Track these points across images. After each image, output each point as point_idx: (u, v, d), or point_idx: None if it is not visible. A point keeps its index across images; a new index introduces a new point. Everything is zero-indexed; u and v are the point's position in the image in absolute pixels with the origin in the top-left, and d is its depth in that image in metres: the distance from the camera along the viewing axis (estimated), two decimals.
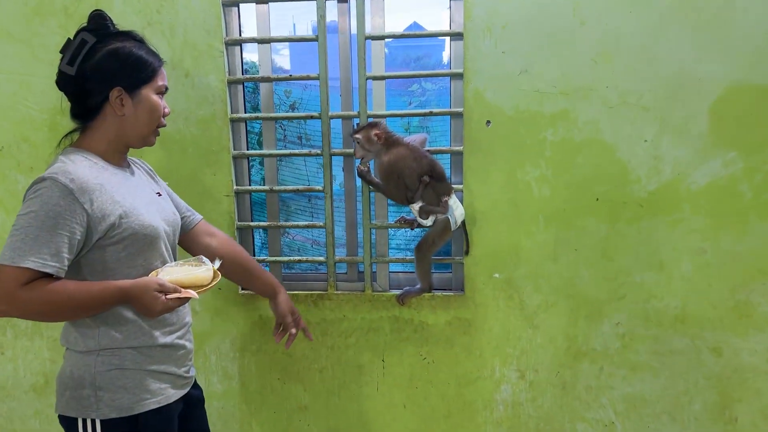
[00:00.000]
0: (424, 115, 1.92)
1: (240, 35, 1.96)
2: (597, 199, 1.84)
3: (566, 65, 1.78)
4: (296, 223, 2.11)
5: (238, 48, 1.97)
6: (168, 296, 1.25)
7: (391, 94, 2.05)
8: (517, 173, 1.85)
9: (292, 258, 2.06)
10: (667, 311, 1.88)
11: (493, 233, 1.89)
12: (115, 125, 1.34)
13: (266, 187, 2.01)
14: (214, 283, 1.33)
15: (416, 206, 1.80)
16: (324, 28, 1.84)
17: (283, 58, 2.41)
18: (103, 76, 1.30)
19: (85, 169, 1.27)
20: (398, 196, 1.81)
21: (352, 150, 1.92)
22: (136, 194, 1.35)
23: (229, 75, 1.92)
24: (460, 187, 1.89)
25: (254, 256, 2.08)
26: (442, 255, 1.97)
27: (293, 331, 1.68)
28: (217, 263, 1.38)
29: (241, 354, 2.06)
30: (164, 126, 1.41)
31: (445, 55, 2.26)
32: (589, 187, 1.83)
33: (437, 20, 1.94)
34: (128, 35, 1.35)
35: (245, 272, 1.68)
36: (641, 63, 1.76)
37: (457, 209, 1.81)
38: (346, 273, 2.09)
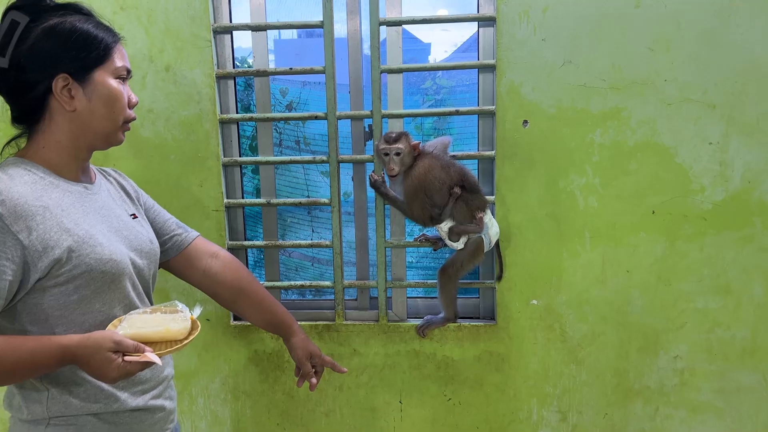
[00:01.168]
0: (449, 114, 1.66)
1: (230, 22, 1.69)
2: (653, 212, 1.64)
3: (617, 55, 1.58)
4: (298, 242, 1.84)
5: (228, 37, 1.72)
6: (126, 358, 0.96)
7: None
8: (559, 182, 1.65)
9: (293, 283, 1.78)
10: (734, 342, 1.69)
11: (531, 252, 1.68)
12: (66, 125, 1.06)
13: (263, 200, 1.73)
14: (192, 336, 1.05)
15: (445, 226, 1.53)
16: (331, 11, 1.58)
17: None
18: (42, 61, 1.02)
19: (24, 186, 0.98)
20: (422, 215, 1.54)
21: (362, 156, 1.69)
22: (96, 218, 1.07)
23: (217, 68, 1.68)
24: (492, 198, 1.66)
25: None
26: (469, 278, 1.74)
27: (313, 381, 1.44)
28: (197, 311, 1.10)
29: (234, 395, 1.81)
30: (133, 119, 1.13)
31: (431, 58, 2.22)
32: (643, 197, 1.64)
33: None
34: (71, 8, 1.08)
35: (253, 306, 1.40)
36: (706, 51, 1.56)
37: (492, 227, 1.56)
38: (356, 300, 1.84)
